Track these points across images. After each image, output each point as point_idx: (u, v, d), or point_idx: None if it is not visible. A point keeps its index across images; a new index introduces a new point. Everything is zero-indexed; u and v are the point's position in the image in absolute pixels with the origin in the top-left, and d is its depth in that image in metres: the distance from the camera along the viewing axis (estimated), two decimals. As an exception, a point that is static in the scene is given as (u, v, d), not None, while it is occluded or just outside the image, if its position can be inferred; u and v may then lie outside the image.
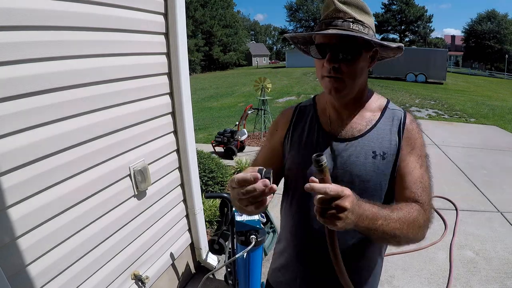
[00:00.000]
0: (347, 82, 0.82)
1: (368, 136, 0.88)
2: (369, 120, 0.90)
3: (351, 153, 0.87)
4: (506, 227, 3.15)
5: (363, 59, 0.83)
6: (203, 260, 2.46)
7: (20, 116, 1.15)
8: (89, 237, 1.49)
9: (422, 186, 0.84)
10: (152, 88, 1.85)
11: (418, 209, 0.81)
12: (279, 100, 12.74)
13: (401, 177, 0.85)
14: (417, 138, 0.87)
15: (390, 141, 0.87)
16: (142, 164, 1.78)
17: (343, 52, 0.80)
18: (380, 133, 0.88)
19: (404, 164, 0.85)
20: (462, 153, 5.61)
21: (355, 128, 0.90)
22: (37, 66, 1.20)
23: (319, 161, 0.64)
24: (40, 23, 1.19)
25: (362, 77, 0.86)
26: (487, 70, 39.66)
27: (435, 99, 12.75)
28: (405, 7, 50.33)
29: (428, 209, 0.83)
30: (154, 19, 1.80)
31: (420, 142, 0.88)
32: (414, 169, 0.85)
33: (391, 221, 0.74)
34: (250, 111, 6.09)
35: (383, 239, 0.78)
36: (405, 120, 0.89)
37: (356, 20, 0.80)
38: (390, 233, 0.74)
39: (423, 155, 0.87)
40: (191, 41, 41.67)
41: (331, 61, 0.80)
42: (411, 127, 0.88)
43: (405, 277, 2.43)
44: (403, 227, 0.76)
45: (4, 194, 1.11)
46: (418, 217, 0.79)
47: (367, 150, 0.87)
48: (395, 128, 0.88)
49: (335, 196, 0.64)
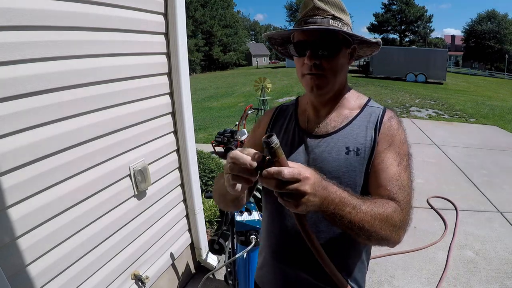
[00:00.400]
0: (329, 78, 0.83)
1: (342, 132, 0.87)
2: (346, 117, 0.89)
3: (324, 149, 0.87)
4: (506, 227, 3.15)
5: (343, 55, 0.83)
6: (203, 260, 2.46)
7: (20, 116, 1.15)
8: (89, 237, 1.49)
9: (399, 184, 0.79)
10: (152, 88, 1.85)
11: (395, 206, 0.75)
12: (279, 100, 12.74)
13: (376, 174, 0.82)
14: (395, 135, 0.84)
15: (365, 137, 0.84)
16: (142, 164, 1.78)
17: (324, 48, 0.80)
18: (355, 129, 0.86)
19: (379, 160, 0.82)
20: (462, 153, 5.61)
21: (330, 125, 0.89)
22: (37, 66, 1.20)
23: (269, 143, 0.58)
24: (40, 23, 1.19)
25: (342, 73, 0.86)
26: (487, 70, 39.65)
27: (435, 99, 12.75)
28: (405, 7, 50.33)
29: (406, 209, 0.77)
30: (154, 19, 1.80)
31: (400, 139, 0.84)
32: (390, 166, 0.81)
33: (360, 211, 0.69)
34: (250, 111, 6.09)
35: (351, 230, 0.70)
36: (383, 116, 0.86)
37: (335, 17, 0.81)
38: (358, 224, 0.68)
39: (402, 153, 0.83)
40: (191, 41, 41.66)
41: (312, 58, 0.79)
42: (389, 123, 0.85)
43: (405, 277, 2.43)
44: (374, 222, 0.70)
45: (4, 194, 1.11)
46: (393, 214, 0.73)
47: (340, 146, 0.85)
48: (372, 124, 0.86)
49: (291, 179, 0.59)
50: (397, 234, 0.75)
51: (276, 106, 1.05)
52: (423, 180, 4.33)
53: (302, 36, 0.82)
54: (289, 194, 0.61)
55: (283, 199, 0.62)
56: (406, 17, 50.71)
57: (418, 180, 4.33)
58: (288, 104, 1.04)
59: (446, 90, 16.72)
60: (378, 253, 2.69)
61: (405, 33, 52.94)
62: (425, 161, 5.10)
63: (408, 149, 0.85)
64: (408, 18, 50.66)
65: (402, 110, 10.02)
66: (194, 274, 2.47)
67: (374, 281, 2.36)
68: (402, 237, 0.76)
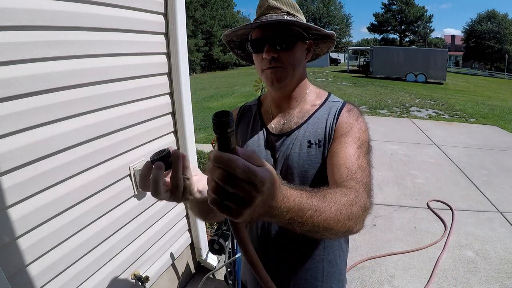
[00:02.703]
0: (287, 70, 0.85)
1: (304, 127, 0.89)
2: (308, 111, 0.91)
3: (288, 146, 0.89)
4: (506, 227, 3.15)
5: (300, 48, 0.86)
6: (203, 260, 2.46)
7: (20, 116, 1.15)
8: (89, 237, 1.49)
9: (358, 164, 0.76)
10: (152, 88, 1.85)
11: (355, 189, 0.69)
12: (279, 100, 12.72)
13: (334, 155, 0.80)
14: (353, 124, 0.85)
15: (325, 128, 0.86)
16: (142, 164, 1.78)
17: (280, 41, 0.82)
18: (316, 122, 0.88)
19: (337, 143, 0.82)
20: (462, 153, 5.60)
21: (292, 121, 0.91)
22: (37, 66, 1.20)
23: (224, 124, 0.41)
24: (40, 23, 1.19)
25: (301, 66, 0.88)
26: (487, 70, 39.65)
27: (435, 99, 12.75)
28: (405, 7, 50.31)
29: (367, 190, 0.72)
30: (154, 19, 1.80)
31: (359, 127, 0.84)
32: (349, 147, 0.79)
33: (323, 210, 0.58)
34: (250, 111, 6.09)
35: (315, 233, 0.59)
36: (342, 109, 0.88)
37: (290, 13, 0.84)
38: (323, 224, 0.58)
39: (362, 140, 0.82)
40: (191, 41, 41.61)
41: (269, 52, 0.81)
42: (348, 114, 0.87)
43: (405, 277, 2.43)
44: (339, 215, 0.60)
45: (4, 194, 1.11)
46: (356, 200, 0.65)
47: (303, 141, 0.87)
48: (331, 116, 0.87)
49: (244, 178, 0.41)
50: (362, 219, 0.67)
51: (239, 106, 1.06)
52: (423, 180, 4.33)
53: (258, 34, 0.84)
54: (231, 196, 0.43)
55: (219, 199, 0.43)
56: (406, 17, 50.69)
57: (418, 180, 4.34)
58: (251, 104, 1.05)
59: (446, 90, 16.71)
60: (378, 253, 2.69)
61: (405, 33, 52.91)
62: (425, 161, 5.10)
63: (368, 139, 0.85)
64: (408, 18, 50.63)
65: (402, 110, 10.01)
66: (194, 274, 2.47)
67: (374, 281, 2.36)
68: (364, 222, 0.69)
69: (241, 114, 1.03)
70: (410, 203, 3.65)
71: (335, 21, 56.07)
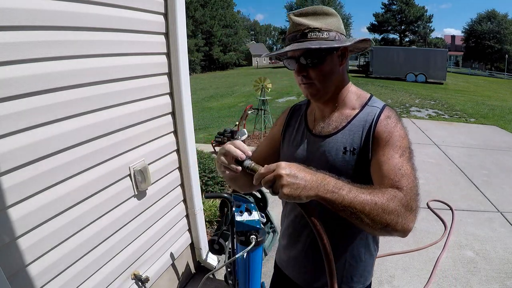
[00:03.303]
0: (318, 85, 0.90)
1: (342, 133, 0.93)
2: (347, 116, 0.94)
3: (325, 149, 0.94)
4: (506, 227, 3.15)
5: (329, 61, 0.89)
6: (203, 260, 2.46)
7: (20, 116, 1.15)
8: (89, 237, 1.49)
9: (401, 173, 0.80)
10: (152, 88, 1.85)
11: (394, 192, 0.76)
12: (279, 100, 12.74)
13: (377, 167, 0.84)
14: (392, 132, 0.86)
15: (361, 137, 0.89)
16: (142, 164, 1.78)
17: (307, 61, 0.87)
18: (353, 129, 0.91)
19: (378, 155, 0.85)
20: (462, 153, 5.61)
21: (331, 125, 0.95)
22: (37, 66, 1.20)
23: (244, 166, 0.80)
24: (40, 23, 1.19)
25: (333, 77, 0.91)
26: (487, 70, 39.67)
27: (435, 99, 12.75)
28: (405, 7, 50.29)
29: (411, 194, 0.78)
30: (154, 19, 1.80)
31: (398, 134, 0.86)
32: (392, 158, 0.83)
33: (359, 193, 0.72)
34: (250, 111, 6.09)
35: (352, 215, 0.72)
36: (380, 115, 0.89)
37: (312, 28, 0.86)
38: (359, 207, 0.70)
39: (403, 147, 0.85)
40: (191, 41, 41.61)
41: (299, 71, 0.89)
42: (386, 122, 0.88)
43: (405, 277, 2.43)
44: (374, 207, 0.71)
45: (4, 194, 1.11)
46: (393, 200, 0.74)
47: (339, 146, 0.91)
48: (368, 124, 0.89)
49: (267, 172, 0.72)
50: (403, 220, 0.74)
51: (291, 105, 1.14)
52: (423, 180, 4.33)
53: (289, 54, 0.91)
54: (273, 184, 0.71)
55: (273, 190, 0.71)
56: (406, 17, 50.67)
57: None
58: (301, 103, 1.12)
59: (446, 90, 16.71)
60: (378, 253, 2.68)
61: (405, 33, 52.90)
62: (425, 161, 5.10)
63: (409, 144, 0.87)
64: (408, 18, 50.62)
65: (402, 110, 10.02)
66: (194, 274, 2.47)
67: (374, 281, 2.35)
68: (410, 224, 0.76)
69: (291, 114, 1.11)
70: (410, 203, 3.65)
71: (335, 21, 55.85)
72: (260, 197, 2.38)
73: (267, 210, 2.65)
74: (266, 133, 6.86)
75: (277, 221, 3.17)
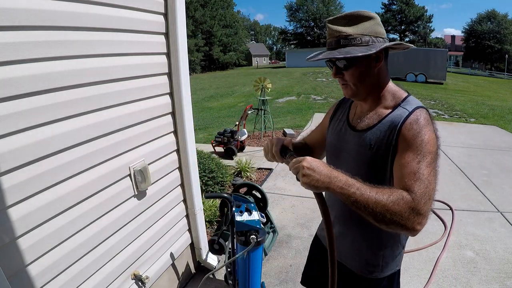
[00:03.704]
0: (352, 87, 0.99)
1: (371, 131, 0.99)
2: (379, 115, 1.00)
3: (355, 143, 1.03)
4: (506, 227, 3.15)
5: (361, 64, 0.95)
6: (203, 260, 2.46)
7: (20, 116, 1.15)
8: (89, 237, 1.49)
9: (416, 178, 0.84)
10: (152, 88, 1.85)
11: (403, 195, 0.82)
12: (279, 100, 12.73)
13: (397, 169, 0.91)
14: (416, 136, 0.89)
15: (386, 136, 0.94)
16: (142, 164, 1.78)
17: (342, 65, 0.96)
18: (381, 128, 0.97)
19: (399, 158, 0.91)
20: (462, 153, 5.61)
21: (365, 122, 1.03)
22: (37, 66, 1.20)
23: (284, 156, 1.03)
24: (40, 23, 1.19)
25: (366, 79, 0.98)
26: (487, 70, 39.65)
27: (435, 99, 12.75)
28: (405, 7, 50.31)
29: (420, 198, 0.82)
30: (154, 19, 1.80)
31: (422, 139, 0.88)
32: (410, 163, 0.87)
33: (365, 193, 0.81)
34: (250, 111, 6.09)
35: (359, 209, 0.82)
36: (407, 118, 0.92)
37: (345, 36, 0.92)
38: (364, 204, 0.80)
39: (425, 151, 0.87)
40: (191, 41, 41.61)
41: (335, 75, 0.99)
42: (410, 126, 0.90)
43: (405, 277, 2.43)
44: (378, 205, 0.80)
45: (4, 194, 1.11)
46: (398, 201, 0.81)
47: (366, 143, 0.99)
48: (394, 125, 0.94)
49: (295, 162, 0.89)
50: (407, 221, 0.81)
51: (341, 98, 1.24)
52: (423, 180, 4.33)
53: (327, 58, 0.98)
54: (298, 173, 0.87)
55: (296, 177, 0.89)
56: (406, 17, 50.69)
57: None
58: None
59: (446, 90, 16.71)
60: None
61: (405, 33, 52.91)
62: (425, 161, 5.10)
63: (433, 148, 0.89)
64: (408, 18, 50.63)
65: (402, 110, 10.00)
66: (194, 274, 2.47)
67: (374, 281, 2.36)
68: (416, 226, 0.82)
69: (338, 104, 1.23)
70: (410, 203, 3.65)
71: (335, 21, 55.89)
72: (260, 197, 2.38)
73: (267, 210, 2.66)
74: (266, 133, 6.87)
75: (277, 221, 3.17)
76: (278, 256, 2.71)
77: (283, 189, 4.06)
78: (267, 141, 1.12)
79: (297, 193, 3.90)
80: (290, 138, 1.18)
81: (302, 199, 3.76)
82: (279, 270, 2.53)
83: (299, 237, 2.98)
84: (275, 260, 2.65)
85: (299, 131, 7.14)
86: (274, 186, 4.15)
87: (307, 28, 57.81)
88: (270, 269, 2.54)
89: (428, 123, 0.91)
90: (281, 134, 6.95)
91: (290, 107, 11.05)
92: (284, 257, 2.70)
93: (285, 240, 2.93)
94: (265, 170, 4.78)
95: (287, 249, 2.80)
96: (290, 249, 2.81)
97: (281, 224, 3.18)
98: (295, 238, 2.97)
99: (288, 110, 10.53)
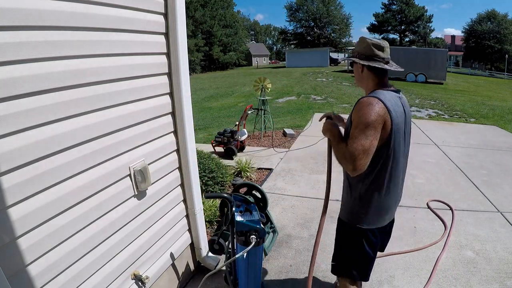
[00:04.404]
0: (356, 81, 1.70)
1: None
2: None
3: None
4: (506, 227, 3.15)
5: (356, 69, 1.64)
6: (203, 260, 2.46)
7: (20, 116, 1.15)
8: (89, 237, 1.49)
9: (350, 137, 1.41)
10: (152, 88, 1.85)
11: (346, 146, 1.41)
12: (279, 100, 12.73)
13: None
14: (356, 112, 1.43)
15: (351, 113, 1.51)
16: (142, 164, 1.78)
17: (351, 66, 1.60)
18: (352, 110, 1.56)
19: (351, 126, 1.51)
20: (462, 153, 5.61)
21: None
22: (37, 66, 1.20)
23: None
24: (40, 23, 1.19)
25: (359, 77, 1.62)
26: (487, 70, 39.64)
27: (435, 99, 12.75)
28: (405, 7, 50.29)
29: (350, 150, 1.37)
30: (154, 19, 1.80)
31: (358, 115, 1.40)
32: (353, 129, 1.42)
33: (338, 144, 1.48)
34: (250, 111, 6.09)
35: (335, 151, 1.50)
36: (358, 101, 1.45)
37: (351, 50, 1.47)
38: (336, 149, 1.48)
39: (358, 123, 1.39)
40: (191, 41, 41.60)
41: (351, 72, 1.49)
42: (357, 106, 1.44)
43: (405, 277, 2.43)
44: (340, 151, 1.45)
45: (4, 194, 1.11)
46: (345, 149, 1.41)
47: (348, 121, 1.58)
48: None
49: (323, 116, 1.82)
50: (346, 162, 1.39)
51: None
52: (423, 180, 4.33)
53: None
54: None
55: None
56: (406, 17, 50.67)
57: (418, 180, 4.34)
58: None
59: (446, 90, 16.72)
60: (378, 253, 2.68)
61: (405, 33, 52.90)
62: (425, 161, 5.10)
63: (366, 120, 1.36)
64: (408, 18, 50.62)
65: (402, 110, 9.99)
66: (194, 274, 2.47)
67: (374, 281, 2.36)
68: (349, 166, 1.37)
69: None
70: (410, 203, 3.65)
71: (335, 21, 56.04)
72: (260, 197, 2.37)
73: (267, 210, 2.65)
74: (266, 133, 6.87)
75: (277, 221, 3.17)
76: (278, 256, 2.71)
77: (283, 189, 4.06)
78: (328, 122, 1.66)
79: (297, 193, 3.90)
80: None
81: (302, 199, 3.76)
82: (279, 270, 2.53)
83: (299, 237, 2.98)
84: (275, 260, 2.65)
85: (299, 131, 7.15)
86: (274, 186, 4.15)
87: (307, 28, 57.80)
88: (270, 269, 2.54)
89: (368, 104, 1.38)
90: (281, 134, 6.97)
91: (290, 107, 11.05)
92: (284, 257, 2.70)
93: (285, 240, 2.93)
94: (265, 170, 4.78)
95: (287, 249, 2.80)
96: (290, 249, 2.81)
97: (281, 224, 3.18)
98: (295, 238, 2.97)
99: (288, 110, 10.53)
